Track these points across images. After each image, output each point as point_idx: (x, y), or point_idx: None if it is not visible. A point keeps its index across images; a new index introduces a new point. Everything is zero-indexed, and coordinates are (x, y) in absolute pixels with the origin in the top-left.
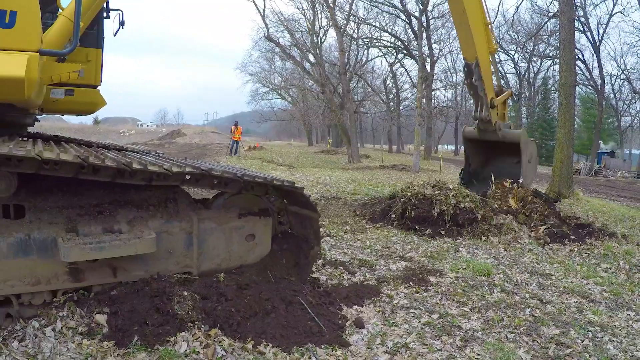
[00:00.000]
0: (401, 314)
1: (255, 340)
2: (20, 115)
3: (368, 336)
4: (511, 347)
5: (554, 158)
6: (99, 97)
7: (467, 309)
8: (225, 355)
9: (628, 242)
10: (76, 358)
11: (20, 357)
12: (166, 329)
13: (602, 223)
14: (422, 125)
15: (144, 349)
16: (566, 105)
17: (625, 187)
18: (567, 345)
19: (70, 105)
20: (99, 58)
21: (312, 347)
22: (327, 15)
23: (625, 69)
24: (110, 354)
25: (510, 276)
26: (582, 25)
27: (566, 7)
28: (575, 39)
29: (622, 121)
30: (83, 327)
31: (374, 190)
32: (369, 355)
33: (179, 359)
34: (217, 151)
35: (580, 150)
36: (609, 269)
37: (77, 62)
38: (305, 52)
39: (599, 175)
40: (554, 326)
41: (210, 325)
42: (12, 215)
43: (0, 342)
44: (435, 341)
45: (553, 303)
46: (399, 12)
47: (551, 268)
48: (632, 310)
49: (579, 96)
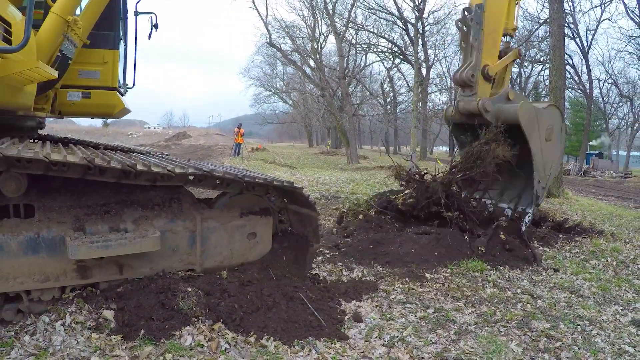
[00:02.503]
0: (398, 309)
1: (257, 334)
2: (16, 119)
3: (366, 330)
4: (503, 340)
5: None
6: (117, 99)
7: (461, 304)
8: (229, 348)
9: (616, 239)
10: (86, 351)
11: (32, 350)
12: (172, 323)
13: (590, 222)
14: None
15: (150, 342)
16: None
17: (612, 186)
18: (557, 339)
19: (87, 108)
20: (116, 60)
21: (312, 340)
22: (327, 22)
23: (612, 74)
24: (118, 347)
25: (503, 272)
26: (572, 32)
27: (556, 14)
28: (565, 45)
29: (609, 124)
30: (91, 322)
31: (372, 190)
32: (366, 348)
33: (185, 352)
34: (221, 152)
35: (569, 151)
36: (597, 265)
37: (91, 63)
38: (305, 57)
39: (587, 175)
40: (544, 320)
41: (214, 320)
42: (22, 214)
43: (13, 336)
44: (430, 335)
45: (543, 298)
46: (395, 19)
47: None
48: (620, 305)
49: (569, 99)
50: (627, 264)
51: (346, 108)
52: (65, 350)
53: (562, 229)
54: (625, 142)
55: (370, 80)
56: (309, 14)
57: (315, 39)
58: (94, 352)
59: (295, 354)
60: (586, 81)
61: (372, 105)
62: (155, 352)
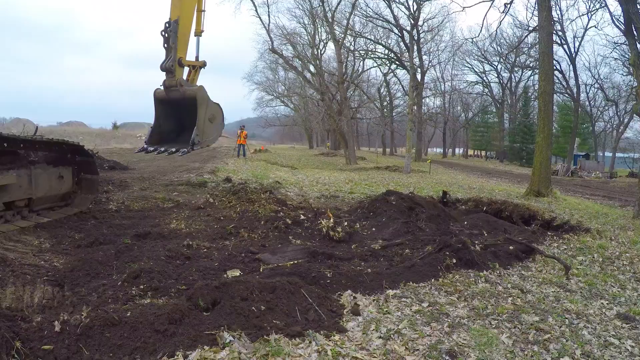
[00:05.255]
0: (394, 303)
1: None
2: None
3: (363, 323)
4: (494, 333)
5: (534, 160)
6: None
7: (454, 298)
8: (233, 340)
9: (602, 237)
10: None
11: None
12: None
13: (577, 220)
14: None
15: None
16: (545, 111)
17: (599, 186)
18: (546, 331)
19: None
20: None
21: (312, 333)
22: (327, 29)
23: (599, 79)
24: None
25: (494, 268)
26: (560, 39)
27: (545, 22)
28: (553, 51)
29: (596, 126)
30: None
31: (369, 190)
32: (364, 340)
33: (190, 342)
34: (226, 153)
35: (557, 152)
36: (584, 261)
37: None
38: (306, 63)
39: (575, 175)
40: (533, 314)
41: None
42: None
43: None
44: (425, 327)
45: (533, 292)
46: (392, 27)
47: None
48: (605, 299)
49: (557, 103)
50: (613, 260)
51: (345, 111)
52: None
53: (551, 227)
54: (610, 144)
55: (368, 84)
56: (310, 22)
57: (315, 46)
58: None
59: (296, 346)
60: (574, 86)
61: (369, 109)
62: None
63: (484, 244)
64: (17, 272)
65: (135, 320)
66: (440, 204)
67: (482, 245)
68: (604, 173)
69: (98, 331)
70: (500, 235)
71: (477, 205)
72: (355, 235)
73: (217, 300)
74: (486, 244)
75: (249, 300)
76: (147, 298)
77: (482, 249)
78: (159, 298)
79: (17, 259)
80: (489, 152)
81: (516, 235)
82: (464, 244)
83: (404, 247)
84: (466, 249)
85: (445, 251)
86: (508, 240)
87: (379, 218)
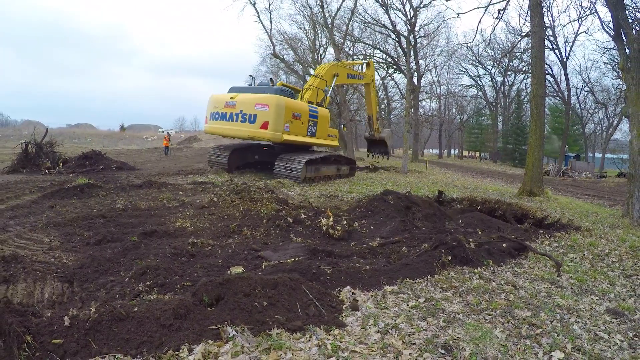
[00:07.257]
0: (391, 298)
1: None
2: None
3: (362, 318)
4: (488, 328)
5: (526, 161)
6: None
7: (449, 294)
8: (236, 335)
9: (592, 235)
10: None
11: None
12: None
13: (568, 219)
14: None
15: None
16: (537, 114)
17: (589, 186)
18: (538, 326)
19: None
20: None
21: (313, 328)
22: (327, 34)
23: (589, 82)
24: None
25: (488, 265)
26: (551, 44)
27: (537, 27)
28: (545, 56)
29: (586, 128)
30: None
31: (368, 189)
32: (362, 334)
33: (195, 336)
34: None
35: (549, 153)
36: (575, 258)
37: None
38: (307, 67)
39: (566, 176)
40: (526, 309)
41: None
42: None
43: None
44: (421, 322)
45: (525, 288)
46: (389, 32)
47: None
48: (595, 295)
49: (548, 106)
50: (602, 257)
51: (344, 114)
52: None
53: (543, 225)
54: (600, 145)
55: None
56: (310, 28)
57: (315, 50)
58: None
59: (297, 340)
60: (565, 89)
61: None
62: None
63: (478, 241)
64: (28, 269)
65: (142, 315)
66: (436, 203)
67: (477, 243)
68: (594, 173)
69: (106, 326)
70: (494, 233)
71: (472, 204)
72: (354, 233)
73: (221, 296)
74: (480, 242)
75: (251, 296)
76: (153, 294)
77: (477, 247)
78: (165, 294)
79: (28, 256)
80: (483, 153)
81: (509, 233)
82: (459, 241)
83: (401, 244)
84: (461, 247)
85: (440, 249)
86: (501, 238)
87: (377, 217)
